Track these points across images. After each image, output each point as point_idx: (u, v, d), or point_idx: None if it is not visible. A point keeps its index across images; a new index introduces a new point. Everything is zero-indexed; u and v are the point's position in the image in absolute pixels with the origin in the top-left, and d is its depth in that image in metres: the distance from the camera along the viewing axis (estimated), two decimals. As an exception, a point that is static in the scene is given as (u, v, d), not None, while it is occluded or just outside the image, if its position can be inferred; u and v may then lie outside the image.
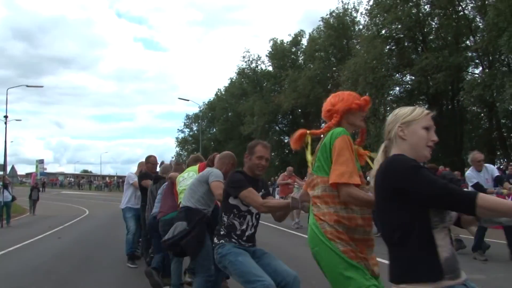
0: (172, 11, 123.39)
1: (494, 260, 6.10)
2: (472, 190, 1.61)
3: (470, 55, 22.43)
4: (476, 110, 24.85)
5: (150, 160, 6.39)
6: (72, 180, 64.08)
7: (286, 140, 39.56)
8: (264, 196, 3.00)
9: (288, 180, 11.50)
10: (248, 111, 35.83)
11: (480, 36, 21.10)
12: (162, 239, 4.38)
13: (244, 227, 3.01)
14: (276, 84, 36.69)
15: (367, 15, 25.25)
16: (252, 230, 3.07)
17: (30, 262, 6.93)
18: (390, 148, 1.86)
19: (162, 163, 6.73)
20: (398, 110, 1.89)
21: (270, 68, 38.44)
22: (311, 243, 2.20)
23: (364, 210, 2.17)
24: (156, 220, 4.61)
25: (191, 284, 4.75)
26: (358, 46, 26.63)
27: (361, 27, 28.67)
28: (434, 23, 23.99)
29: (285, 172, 11.97)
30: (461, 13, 22.57)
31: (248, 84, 39.46)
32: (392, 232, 1.70)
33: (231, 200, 3.00)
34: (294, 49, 37.31)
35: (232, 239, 2.97)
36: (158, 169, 6.23)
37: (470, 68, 23.99)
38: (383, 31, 24.02)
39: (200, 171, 4.08)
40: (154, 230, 5.12)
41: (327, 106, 2.34)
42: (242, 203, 2.99)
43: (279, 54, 36.54)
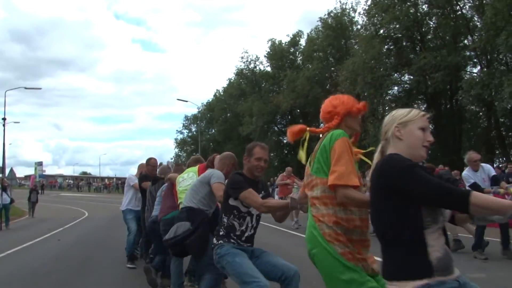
0: (170, 12, 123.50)
1: (494, 259, 6.10)
2: (465, 189, 1.63)
3: (468, 54, 22.48)
4: (475, 109, 24.89)
5: (150, 163, 6.42)
6: (71, 182, 63.98)
7: (285, 141, 39.51)
8: (264, 198, 3.03)
9: (287, 181, 11.50)
10: (247, 111, 35.82)
11: (478, 35, 21.14)
12: (162, 239, 4.41)
13: (243, 228, 3.03)
14: (275, 85, 36.71)
15: (365, 15, 25.32)
16: (252, 231, 3.09)
17: (29, 265, 6.92)
18: (386, 148, 1.89)
19: (161, 165, 6.76)
20: (395, 112, 1.92)
21: (269, 69, 38.44)
22: (309, 244, 2.22)
23: (362, 211, 2.18)
24: (158, 220, 4.63)
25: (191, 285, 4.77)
26: (356, 46, 26.65)
27: (359, 27, 28.74)
28: (432, 23, 24.04)
29: (284, 173, 11.98)
30: (459, 12, 22.62)
31: (246, 84, 39.45)
32: (386, 231, 1.74)
33: (231, 201, 3.03)
34: (292, 49, 37.31)
35: (231, 240, 2.99)
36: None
37: (469, 67, 24.06)
38: (381, 31, 24.05)
39: (200, 172, 4.11)
40: (154, 234, 5.13)
41: (327, 108, 2.35)
42: (242, 204, 3.01)
43: (278, 54, 36.55)
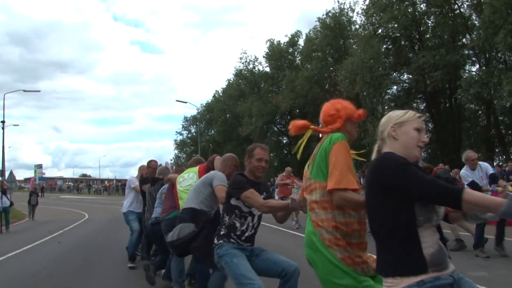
0: (169, 14, 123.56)
1: (496, 257, 6.10)
2: (458, 187, 1.65)
3: (467, 53, 22.52)
4: (474, 107, 24.96)
5: (151, 165, 6.46)
6: (71, 185, 63.97)
7: (284, 141, 39.58)
8: (265, 199, 3.07)
9: (287, 181, 11.50)
10: (246, 112, 35.85)
11: (476, 34, 21.18)
12: (164, 239, 4.45)
13: (244, 228, 3.07)
14: (274, 85, 36.74)
15: (363, 14, 25.36)
16: (252, 231, 3.13)
17: (30, 268, 6.90)
18: (382, 148, 1.93)
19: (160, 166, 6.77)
20: (391, 113, 1.97)
21: (268, 69, 38.52)
22: (308, 249, 2.25)
23: (361, 215, 2.21)
24: (160, 220, 4.66)
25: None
26: (355, 46, 26.69)
27: (357, 26, 28.78)
28: (430, 22, 24.08)
29: (283, 173, 11.97)
30: (457, 11, 22.66)
31: (245, 85, 39.51)
32: (380, 228, 1.77)
33: (233, 201, 3.07)
34: (291, 49, 37.38)
35: (231, 239, 3.04)
36: None
37: (467, 66, 24.13)
38: (380, 30, 24.08)
39: (200, 172, 4.16)
40: (155, 235, 5.16)
41: (330, 111, 2.38)
42: (244, 205, 3.05)
43: (276, 55, 36.61)
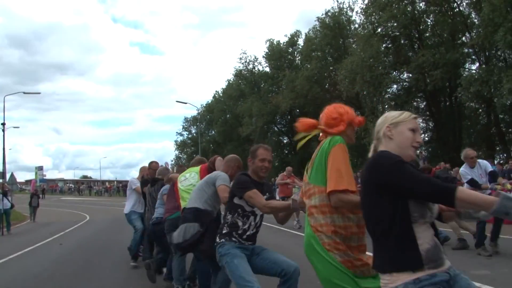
0: (168, 15, 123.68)
1: (498, 256, 6.08)
2: (452, 184, 1.67)
3: (467, 51, 22.52)
4: (474, 106, 24.93)
5: (152, 166, 6.49)
6: (72, 186, 63.96)
7: (285, 141, 39.57)
8: (268, 200, 3.12)
9: (287, 180, 11.50)
10: (246, 112, 35.84)
11: (476, 32, 21.15)
12: (165, 239, 4.56)
13: (246, 227, 3.12)
14: (274, 85, 36.72)
15: (363, 13, 25.35)
16: (254, 230, 3.17)
17: (31, 269, 6.90)
18: (378, 147, 1.97)
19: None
20: (387, 113, 2.01)
21: (267, 69, 38.51)
22: (307, 250, 2.29)
23: (360, 217, 2.22)
24: (163, 220, 4.68)
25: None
26: (354, 45, 26.67)
27: (357, 26, 28.79)
28: (429, 20, 24.08)
29: (284, 172, 11.97)
30: (456, 9, 22.66)
31: (245, 85, 39.50)
32: (376, 225, 1.80)
33: (236, 200, 3.12)
34: (290, 49, 37.37)
35: (233, 238, 3.08)
36: None
37: (467, 64, 24.12)
38: (379, 29, 24.09)
39: (202, 172, 4.20)
40: (155, 235, 5.17)
41: (333, 114, 2.41)
42: (247, 204, 3.10)
43: (276, 54, 36.60)
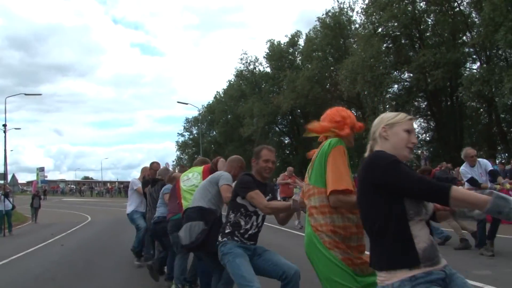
0: (168, 16, 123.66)
1: (500, 256, 6.07)
2: (446, 183, 1.72)
3: (468, 50, 22.48)
4: (476, 105, 24.91)
5: (153, 167, 6.53)
6: (73, 187, 63.97)
7: (286, 141, 39.57)
8: (270, 200, 3.15)
9: (288, 180, 11.51)
10: (248, 113, 35.81)
11: (476, 31, 21.12)
12: (166, 238, 4.67)
13: (248, 226, 3.15)
14: (275, 85, 36.71)
15: (363, 13, 25.33)
16: (256, 230, 3.20)
17: (33, 270, 6.91)
18: (374, 147, 2.01)
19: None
20: (383, 114, 2.06)
21: (268, 70, 38.48)
22: (308, 249, 2.32)
23: (359, 218, 2.22)
24: (167, 220, 4.70)
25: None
26: (355, 45, 26.66)
27: (357, 26, 28.77)
28: (430, 20, 24.05)
29: (285, 172, 11.97)
30: (456, 9, 22.62)
31: (246, 86, 39.48)
32: (372, 224, 1.83)
33: (239, 200, 3.15)
34: (291, 49, 37.33)
35: (235, 237, 3.10)
36: None
37: (468, 64, 24.07)
38: (380, 29, 24.06)
39: (205, 173, 4.24)
40: (156, 234, 5.19)
41: (336, 117, 2.44)
42: (250, 204, 3.12)
43: (277, 55, 36.57)
